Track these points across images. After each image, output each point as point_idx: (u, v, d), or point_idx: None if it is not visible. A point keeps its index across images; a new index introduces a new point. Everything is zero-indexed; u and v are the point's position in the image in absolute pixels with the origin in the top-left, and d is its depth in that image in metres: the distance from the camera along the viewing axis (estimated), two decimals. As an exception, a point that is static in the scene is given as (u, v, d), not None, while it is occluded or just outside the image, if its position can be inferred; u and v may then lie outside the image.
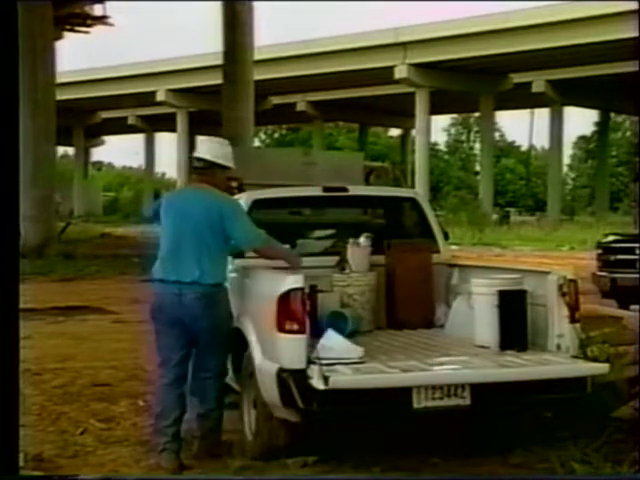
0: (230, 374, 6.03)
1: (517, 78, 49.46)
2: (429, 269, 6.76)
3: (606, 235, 14.62)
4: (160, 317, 5.66)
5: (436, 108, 51.14)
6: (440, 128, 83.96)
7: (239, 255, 6.20)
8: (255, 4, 30.32)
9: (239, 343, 5.72)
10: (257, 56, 31.15)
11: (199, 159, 5.82)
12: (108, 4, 34.88)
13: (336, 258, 6.58)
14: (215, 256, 5.66)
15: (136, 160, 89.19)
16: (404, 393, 5.07)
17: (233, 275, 6.22)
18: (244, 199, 6.87)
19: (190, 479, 5.50)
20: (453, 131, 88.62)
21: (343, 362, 5.18)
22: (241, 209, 5.87)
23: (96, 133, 76.28)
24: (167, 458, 5.52)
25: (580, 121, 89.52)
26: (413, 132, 59.27)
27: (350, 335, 5.79)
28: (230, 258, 6.55)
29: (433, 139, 68.59)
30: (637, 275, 11.69)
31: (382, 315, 6.65)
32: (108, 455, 5.83)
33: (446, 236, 7.19)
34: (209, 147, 5.89)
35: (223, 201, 5.75)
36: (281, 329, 5.08)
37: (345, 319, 6.03)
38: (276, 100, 55.76)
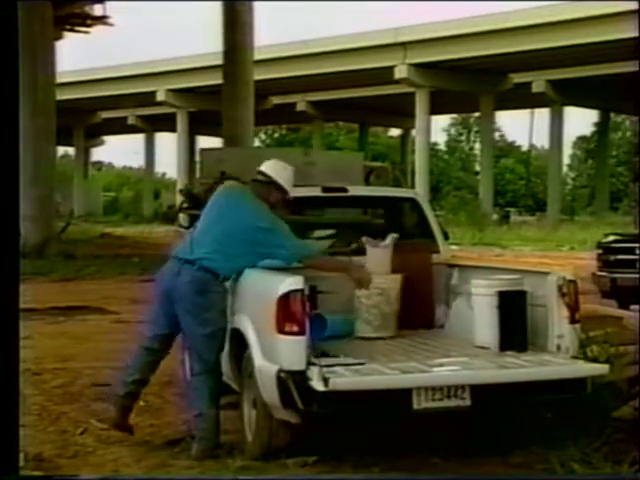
0: (230, 374, 6.03)
1: (517, 78, 49.47)
2: (429, 269, 6.76)
3: (606, 235, 14.61)
4: (156, 287, 6.00)
5: (436, 108, 51.15)
6: (440, 128, 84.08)
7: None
8: (255, 4, 30.35)
9: (239, 344, 5.72)
10: (257, 56, 31.17)
11: (261, 172, 6.05)
12: (108, 4, 34.91)
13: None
14: (232, 256, 5.78)
15: (136, 160, 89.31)
16: (404, 394, 5.07)
17: (233, 276, 6.22)
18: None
19: (190, 479, 5.50)
20: (453, 131, 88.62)
21: (343, 364, 5.18)
22: (285, 229, 5.87)
23: (96, 133, 76.27)
24: (113, 412, 6.09)
25: (580, 121, 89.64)
26: (413, 132, 59.27)
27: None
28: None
29: (433, 139, 68.63)
30: (637, 275, 11.69)
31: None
32: (108, 455, 5.82)
33: (446, 236, 7.18)
34: (274, 166, 6.10)
35: (274, 220, 5.87)
36: (281, 330, 5.08)
37: (324, 322, 6.03)
38: (276, 100, 55.79)
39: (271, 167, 6.07)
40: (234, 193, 6.09)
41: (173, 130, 62.61)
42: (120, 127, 71.02)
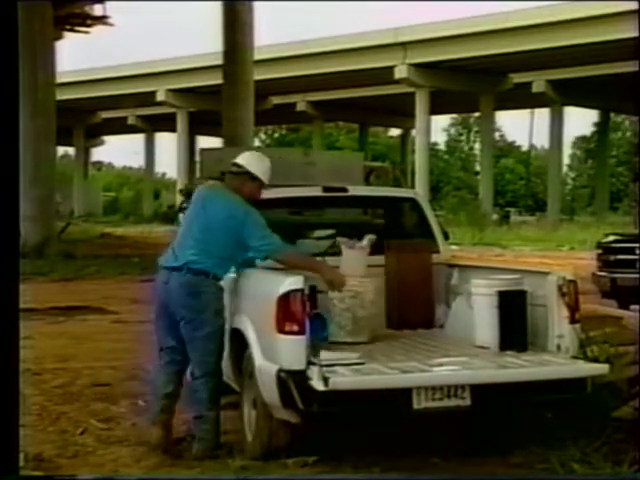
0: (230, 374, 6.03)
1: (517, 78, 49.46)
2: (429, 269, 6.76)
3: (606, 235, 14.61)
4: (155, 302, 5.95)
5: (436, 108, 51.14)
6: (440, 128, 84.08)
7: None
8: (255, 4, 30.33)
9: (239, 343, 5.72)
10: (257, 56, 31.16)
11: (235, 164, 6.02)
12: (108, 4, 34.91)
13: (337, 258, 6.32)
14: (216, 252, 5.75)
15: (136, 160, 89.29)
16: (404, 394, 5.07)
17: (233, 275, 6.22)
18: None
19: (190, 479, 5.50)
20: (453, 131, 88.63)
21: (343, 363, 5.18)
22: (259, 219, 5.82)
23: (96, 133, 76.27)
24: (154, 431, 5.82)
25: (580, 121, 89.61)
26: (413, 132, 59.26)
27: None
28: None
29: (433, 139, 68.62)
30: (637, 275, 11.69)
31: (382, 320, 6.64)
32: (108, 455, 5.83)
33: (446, 236, 7.18)
34: (247, 157, 6.09)
35: (245, 211, 5.82)
36: (281, 330, 5.08)
37: (324, 322, 5.97)
38: (276, 100, 55.78)
39: (244, 158, 6.07)
40: (209, 191, 6.08)
41: (173, 130, 62.60)
42: (120, 127, 71.01)
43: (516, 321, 5.66)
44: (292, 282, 5.12)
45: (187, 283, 5.72)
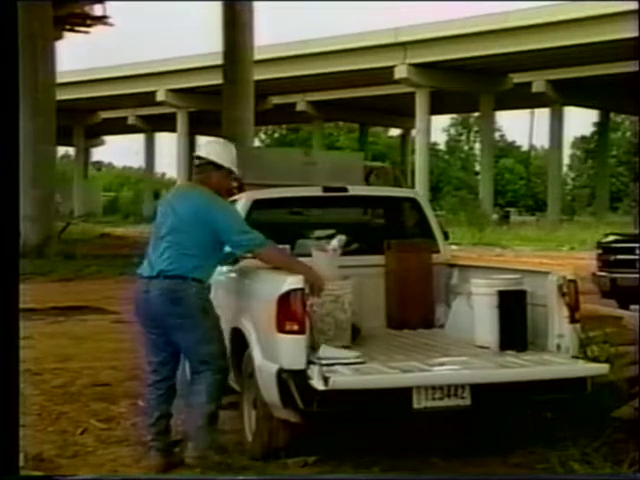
0: (230, 374, 6.02)
1: (517, 78, 49.47)
2: (429, 269, 6.76)
3: (606, 235, 14.61)
4: (137, 317, 5.69)
5: (436, 108, 51.14)
6: (440, 128, 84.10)
7: (235, 262, 6.13)
8: (255, 4, 30.33)
9: (239, 343, 5.72)
10: (257, 56, 31.15)
11: (196, 157, 5.73)
12: (108, 4, 34.93)
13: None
14: (187, 255, 5.43)
15: (136, 160, 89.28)
16: (404, 393, 5.07)
17: (233, 275, 6.22)
18: (244, 199, 6.87)
19: (190, 479, 5.50)
20: (453, 131, 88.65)
21: (343, 363, 5.18)
22: (234, 212, 5.64)
23: (96, 133, 76.30)
24: (153, 455, 5.53)
25: (580, 121, 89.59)
26: (413, 132, 59.26)
27: None
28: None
29: (433, 139, 68.66)
30: (637, 275, 11.69)
31: (380, 318, 6.64)
32: (108, 455, 5.83)
33: (446, 236, 7.19)
34: (207, 146, 5.83)
35: (214, 203, 5.53)
36: (281, 329, 5.08)
37: None
38: (276, 100, 55.77)
39: (205, 148, 5.78)
40: (175, 192, 5.92)
41: (173, 130, 62.62)
42: (120, 127, 71.03)
43: (516, 321, 5.66)
44: (292, 281, 5.12)
45: (166, 289, 5.41)
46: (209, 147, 5.78)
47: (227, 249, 5.69)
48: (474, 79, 49.09)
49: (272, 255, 5.60)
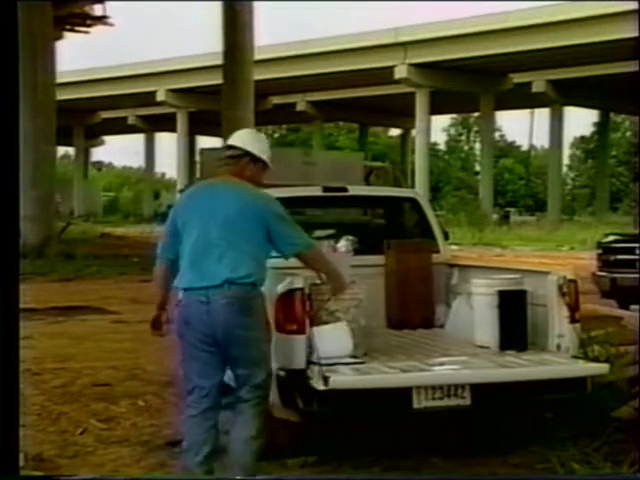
0: (230, 374, 6.01)
1: (517, 78, 49.50)
2: (429, 269, 6.76)
3: (606, 235, 14.61)
4: (187, 334, 4.74)
5: (436, 108, 51.18)
6: (440, 128, 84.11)
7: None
8: (255, 4, 30.33)
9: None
10: (257, 56, 31.15)
11: (230, 147, 5.06)
12: (108, 4, 34.94)
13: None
14: (249, 257, 4.76)
15: (136, 160, 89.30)
16: (404, 393, 5.07)
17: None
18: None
19: (190, 479, 5.50)
20: (453, 131, 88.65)
21: (343, 362, 5.18)
22: (282, 208, 4.98)
23: (96, 133, 76.32)
24: None
25: (580, 121, 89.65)
26: (413, 132, 59.27)
27: None
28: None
29: (433, 139, 68.68)
30: (637, 275, 11.69)
31: (380, 318, 6.63)
32: (108, 455, 5.83)
33: (446, 236, 7.19)
34: (244, 136, 5.16)
35: (262, 198, 4.94)
36: (281, 329, 5.08)
37: None
38: (276, 100, 55.82)
39: (241, 138, 5.12)
40: (207, 188, 5.12)
41: (173, 130, 62.63)
42: (120, 127, 71.06)
43: (516, 321, 5.66)
44: (292, 281, 5.12)
45: (238, 297, 4.67)
46: (246, 137, 5.15)
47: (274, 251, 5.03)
48: (474, 79, 49.11)
49: (317, 257, 5.07)
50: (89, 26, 35.86)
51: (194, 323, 4.70)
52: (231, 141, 5.10)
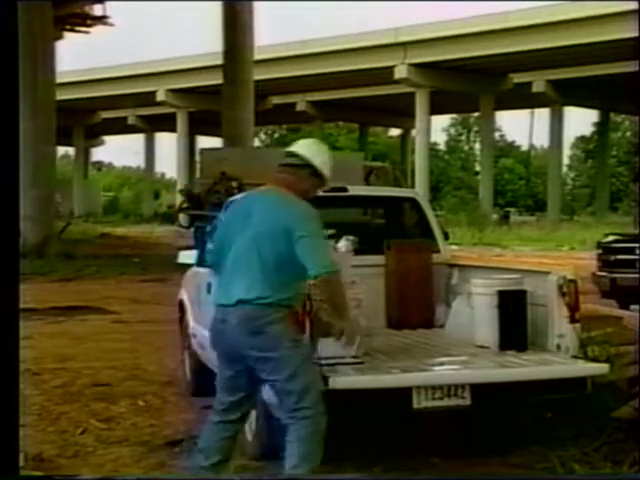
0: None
1: (517, 78, 49.50)
2: (429, 269, 6.76)
3: (606, 235, 14.61)
4: (215, 348, 4.81)
5: (436, 108, 51.18)
6: (440, 128, 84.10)
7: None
8: (255, 4, 30.35)
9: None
10: (257, 56, 31.17)
11: (293, 154, 4.86)
12: (108, 4, 34.96)
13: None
14: (269, 276, 4.57)
15: (136, 160, 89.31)
16: (404, 393, 5.07)
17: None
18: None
19: (190, 479, 5.50)
20: (453, 131, 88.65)
21: (343, 362, 5.18)
22: (315, 227, 4.68)
23: (96, 133, 76.30)
24: None
25: (580, 121, 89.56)
26: (413, 132, 59.27)
27: None
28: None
29: (433, 139, 68.66)
30: (637, 275, 11.69)
31: (380, 318, 6.63)
32: (108, 455, 5.83)
33: (446, 236, 7.19)
34: (309, 147, 4.93)
35: (298, 214, 4.68)
36: (281, 329, 5.06)
37: None
38: (276, 100, 55.80)
39: (307, 148, 4.89)
40: (247, 200, 4.93)
41: (173, 130, 62.61)
42: (120, 127, 71.04)
43: (516, 321, 5.66)
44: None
45: (250, 317, 4.55)
46: (312, 148, 4.92)
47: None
48: (474, 79, 49.11)
49: (326, 288, 4.65)
50: (89, 26, 35.88)
51: (215, 340, 4.76)
52: (296, 148, 4.90)
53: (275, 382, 4.60)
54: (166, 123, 64.41)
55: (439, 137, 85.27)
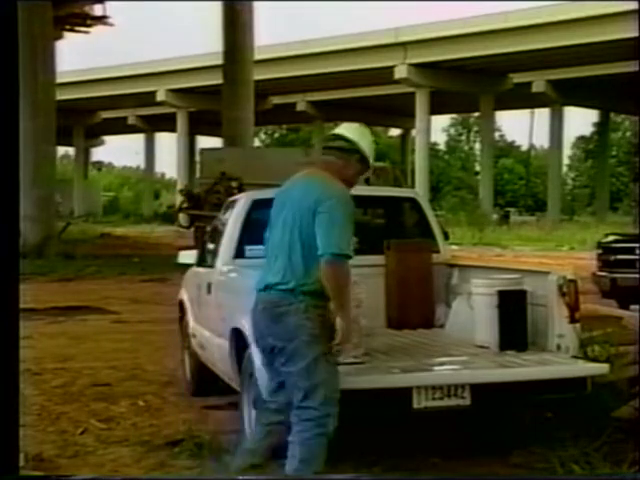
0: (230, 374, 6.02)
1: (517, 78, 49.49)
2: (429, 269, 6.76)
3: (606, 235, 14.61)
4: (253, 334, 4.77)
5: (436, 108, 51.17)
6: (440, 128, 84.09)
7: (239, 255, 6.12)
8: (255, 4, 30.37)
9: (239, 343, 5.72)
10: (257, 56, 31.19)
11: (341, 137, 4.73)
12: (108, 4, 34.99)
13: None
14: (296, 261, 4.51)
15: (136, 160, 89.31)
16: (404, 393, 5.07)
17: (233, 275, 6.22)
18: (244, 199, 6.88)
19: (190, 479, 5.50)
20: (453, 131, 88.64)
21: (343, 362, 5.17)
22: (343, 211, 4.50)
23: (96, 133, 76.30)
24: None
25: (580, 121, 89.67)
26: (413, 132, 59.27)
27: None
28: (229, 258, 6.56)
29: (433, 139, 68.65)
30: (637, 275, 11.69)
31: (380, 318, 6.63)
32: (108, 455, 5.82)
33: (446, 236, 7.19)
34: (358, 130, 4.82)
35: (329, 189, 4.53)
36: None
37: None
38: (276, 100, 55.79)
39: (353, 132, 4.75)
40: (289, 186, 4.78)
41: (173, 130, 62.61)
42: (120, 127, 71.03)
43: (516, 321, 5.66)
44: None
45: (270, 303, 4.51)
46: (361, 132, 4.82)
47: None
48: (474, 79, 49.11)
49: (327, 274, 4.40)
50: (89, 26, 35.90)
51: (253, 326, 4.73)
52: (344, 132, 4.75)
53: (288, 374, 4.50)
54: (166, 123, 64.41)
55: (439, 137, 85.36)
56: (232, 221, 6.71)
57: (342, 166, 4.66)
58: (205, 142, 62.70)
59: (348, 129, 4.78)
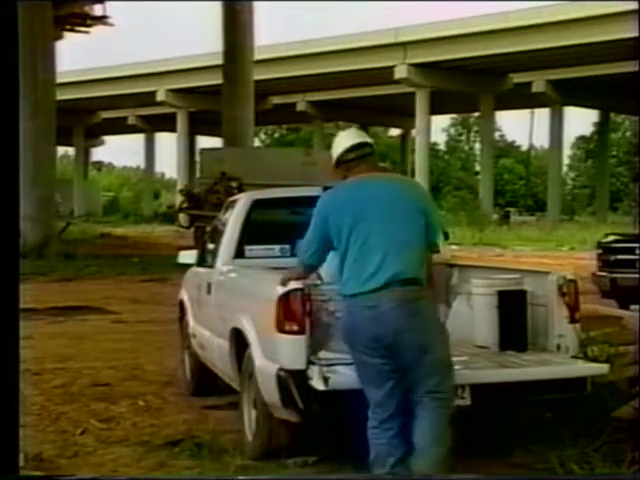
0: (230, 374, 6.02)
1: (517, 78, 49.47)
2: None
3: (606, 235, 14.61)
4: (355, 342, 4.71)
5: (436, 108, 51.15)
6: (440, 128, 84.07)
7: (239, 255, 6.12)
8: (255, 4, 30.37)
9: (239, 343, 5.72)
10: (257, 56, 31.18)
11: (367, 144, 5.05)
12: (108, 4, 34.99)
13: None
14: (416, 254, 4.79)
15: (136, 160, 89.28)
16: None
17: (233, 275, 6.22)
18: (244, 199, 6.88)
19: (190, 479, 5.50)
20: (453, 131, 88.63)
21: (343, 363, 5.18)
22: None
23: (96, 133, 76.26)
24: None
25: (580, 121, 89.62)
26: (413, 132, 59.26)
27: None
28: (229, 258, 6.56)
29: (433, 139, 68.64)
30: (637, 275, 11.69)
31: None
32: (108, 455, 5.83)
33: (446, 236, 7.18)
34: (364, 135, 5.23)
35: (416, 185, 5.22)
36: (281, 330, 5.08)
37: None
38: (276, 100, 55.76)
39: (364, 136, 5.24)
40: (355, 188, 4.91)
41: (173, 130, 62.58)
42: (120, 127, 70.99)
43: (516, 321, 5.66)
44: (292, 282, 5.12)
45: (405, 299, 4.61)
46: (365, 135, 5.27)
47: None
48: (474, 79, 49.09)
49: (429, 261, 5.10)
50: (89, 26, 35.90)
51: (362, 330, 4.64)
52: (361, 139, 5.07)
53: (419, 367, 4.62)
54: (166, 123, 64.37)
55: (439, 137, 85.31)
56: (232, 221, 6.71)
57: (373, 167, 5.04)
58: (205, 142, 62.71)
59: (360, 135, 5.16)
